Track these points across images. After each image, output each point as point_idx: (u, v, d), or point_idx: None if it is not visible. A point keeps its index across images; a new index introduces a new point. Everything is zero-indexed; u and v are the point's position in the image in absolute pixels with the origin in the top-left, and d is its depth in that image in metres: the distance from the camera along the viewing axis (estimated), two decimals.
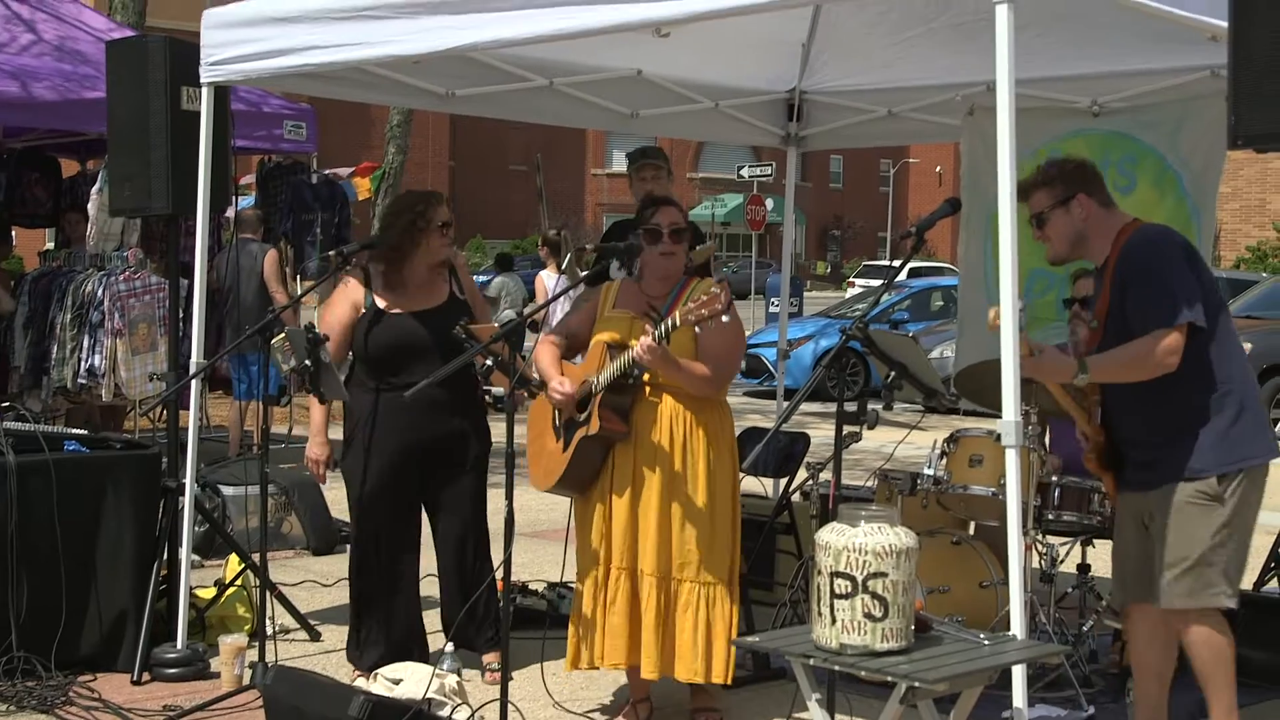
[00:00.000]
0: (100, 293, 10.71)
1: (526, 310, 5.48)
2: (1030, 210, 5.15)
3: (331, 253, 6.38)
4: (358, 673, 6.11)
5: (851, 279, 51.07)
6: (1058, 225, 5.11)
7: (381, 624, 6.29)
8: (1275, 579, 6.60)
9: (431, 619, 6.51)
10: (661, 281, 5.68)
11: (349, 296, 6.35)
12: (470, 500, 6.33)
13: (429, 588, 6.56)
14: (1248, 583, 6.93)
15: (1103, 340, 5.04)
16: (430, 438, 6.24)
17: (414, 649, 6.23)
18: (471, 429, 6.28)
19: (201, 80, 6.38)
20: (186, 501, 6.50)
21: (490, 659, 6.26)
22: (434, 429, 6.22)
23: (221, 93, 6.51)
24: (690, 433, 5.53)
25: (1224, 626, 4.99)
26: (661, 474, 5.50)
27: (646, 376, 5.48)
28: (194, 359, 6.55)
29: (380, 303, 6.28)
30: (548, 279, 14.18)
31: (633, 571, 5.55)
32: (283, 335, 5.87)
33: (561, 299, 10.33)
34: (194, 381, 6.71)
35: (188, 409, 6.76)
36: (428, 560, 6.43)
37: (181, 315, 8.82)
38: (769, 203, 33.74)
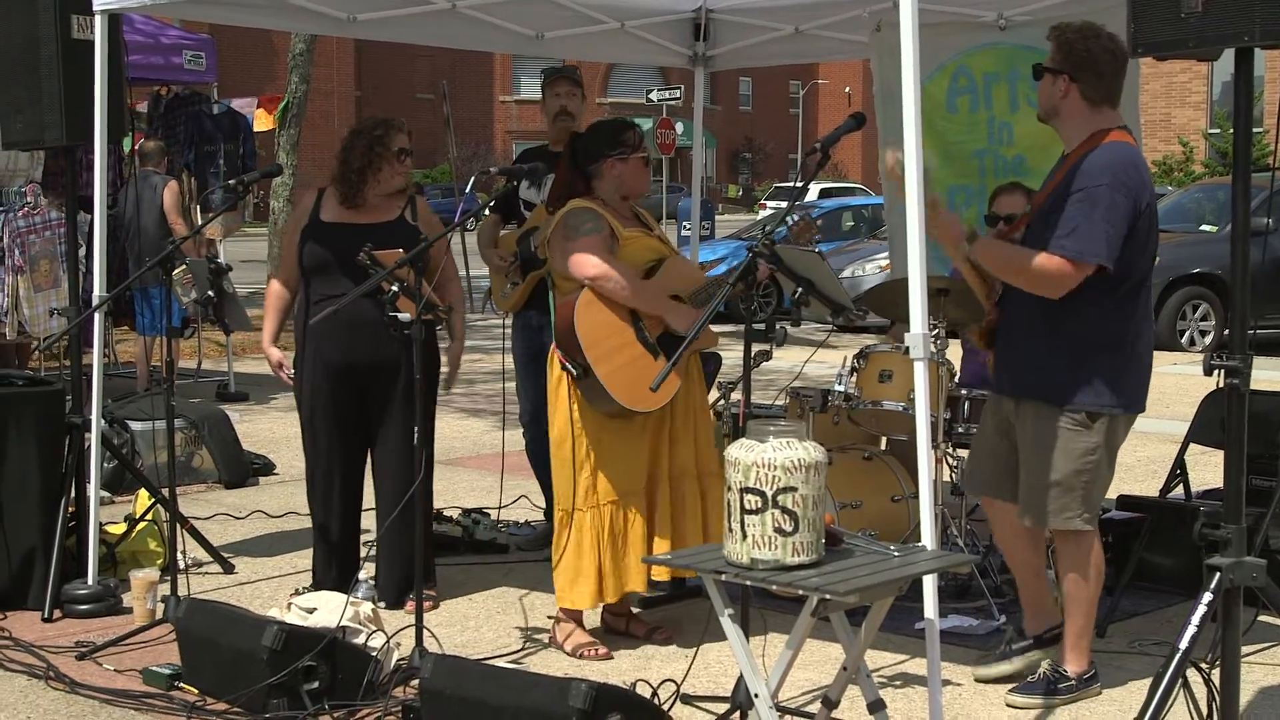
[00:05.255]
0: None
1: (433, 236, 5.34)
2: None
3: (232, 181, 6.27)
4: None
5: (763, 201, 51.18)
6: (1043, 87, 5.12)
7: (319, 546, 6.35)
8: (1180, 486, 6.70)
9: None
10: (626, 201, 5.81)
11: (298, 214, 6.35)
12: (396, 432, 6.19)
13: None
14: (1153, 490, 7.05)
15: (1029, 227, 5.07)
16: (358, 361, 6.14)
17: (343, 572, 6.22)
18: (406, 355, 5.83)
19: (94, 8, 6.24)
20: (93, 437, 6.41)
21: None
22: (361, 352, 6.10)
23: (115, 20, 6.36)
24: None
25: (1089, 549, 5.08)
26: (697, 378, 5.86)
27: None
28: (96, 293, 6.44)
29: (325, 216, 6.25)
30: None
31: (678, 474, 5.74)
32: (183, 267, 5.78)
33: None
34: (97, 316, 6.61)
35: (92, 345, 6.67)
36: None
37: (85, 250, 8.70)
38: (679, 126, 33.65)
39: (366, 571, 6.25)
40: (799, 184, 5.36)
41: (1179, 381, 12.19)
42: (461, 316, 6.39)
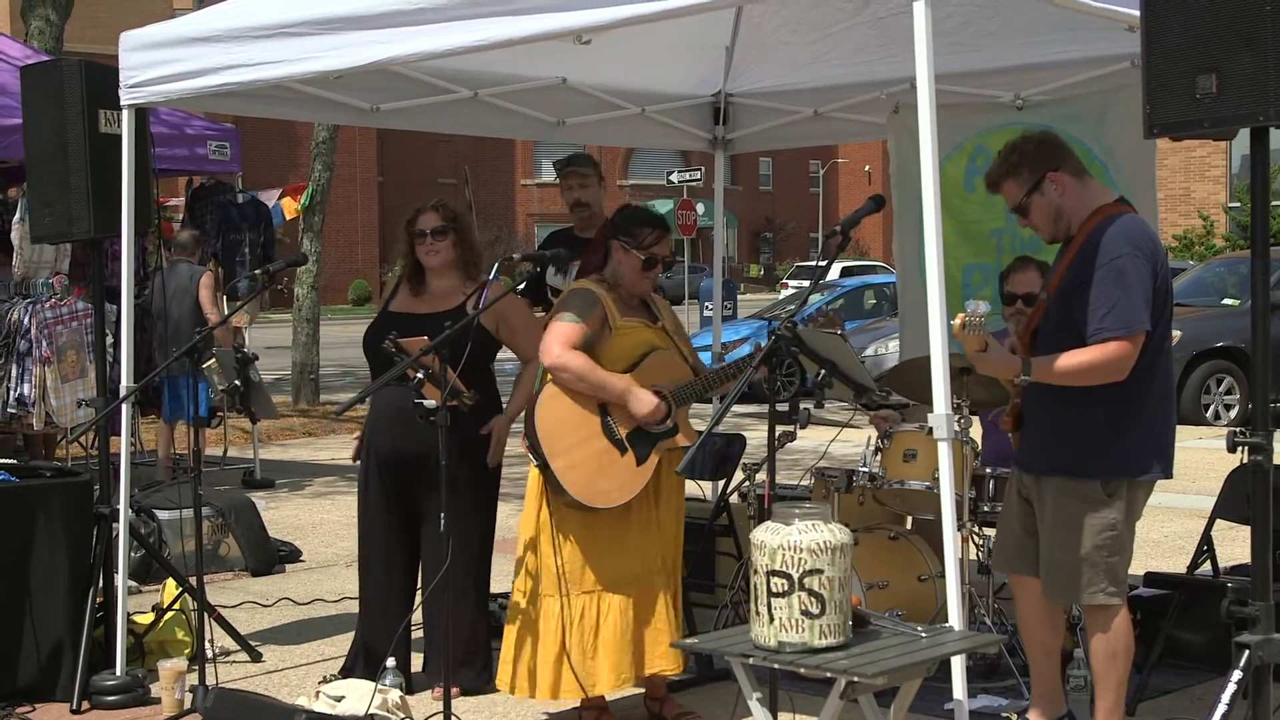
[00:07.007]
0: (27, 321, 10.63)
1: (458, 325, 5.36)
2: (1008, 203, 5.15)
3: (258, 271, 6.33)
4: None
5: (785, 280, 51.31)
6: (1039, 210, 5.09)
7: (360, 630, 6.35)
8: (1208, 561, 6.67)
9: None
10: (634, 294, 5.80)
11: (382, 301, 6.53)
12: (438, 523, 6.15)
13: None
14: (1180, 565, 7.02)
15: (1044, 321, 5.07)
16: (406, 450, 6.11)
17: (378, 659, 6.14)
18: (450, 446, 5.56)
19: (121, 103, 6.33)
20: (121, 527, 6.44)
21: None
22: (408, 442, 6.03)
23: (141, 115, 6.46)
24: None
25: (1117, 625, 5.03)
26: (671, 475, 5.72)
27: None
28: (124, 383, 6.49)
29: (394, 305, 6.39)
30: None
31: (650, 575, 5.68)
32: (213, 357, 5.83)
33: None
34: (124, 406, 6.66)
35: (119, 434, 6.70)
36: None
37: (111, 340, 8.76)
38: (700, 207, 33.79)
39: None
40: (821, 263, 5.38)
41: (1204, 456, 12.15)
42: (521, 399, 6.25)
